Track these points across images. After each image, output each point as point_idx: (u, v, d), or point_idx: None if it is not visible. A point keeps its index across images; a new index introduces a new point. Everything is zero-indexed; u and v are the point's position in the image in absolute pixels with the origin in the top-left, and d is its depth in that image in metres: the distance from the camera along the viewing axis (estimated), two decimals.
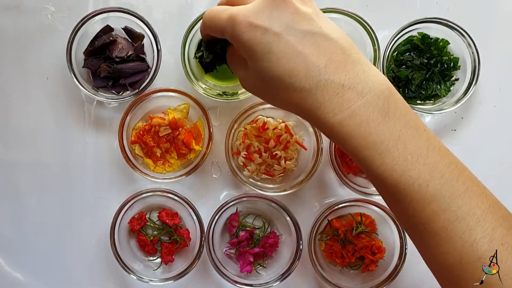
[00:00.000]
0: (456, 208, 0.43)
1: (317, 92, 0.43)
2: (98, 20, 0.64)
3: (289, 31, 0.44)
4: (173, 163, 0.67)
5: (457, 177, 0.43)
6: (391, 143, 0.43)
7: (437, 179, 0.43)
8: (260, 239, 0.68)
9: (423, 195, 0.43)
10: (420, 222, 0.44)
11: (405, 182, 0.43)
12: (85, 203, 0.68)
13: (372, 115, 0.43)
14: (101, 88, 0.66)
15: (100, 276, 0.68)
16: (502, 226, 0.43)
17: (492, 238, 0.42)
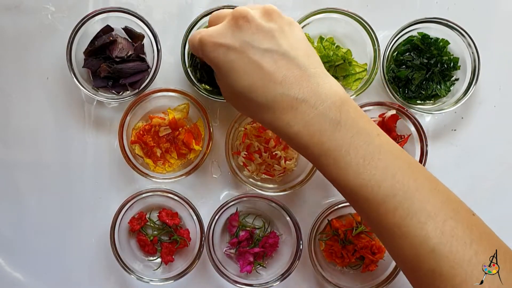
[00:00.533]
0: (408, 205, 0.46)
1: (273, 106, 0.48)
2: (98, 20, 0.64)
3: (249, 49, 0.48)
4: (173, 163, 0.67)
5: (409, 176, 0.47)
6: (344, 149, 0.47)
7: (388, 180, 0.46)
8: (260, 239, 0.68)
9: (376, 195, 0.46)
10: (377, 220, 0.47)
11: (359, 184, 0.47)
12: (85, 203, 0.68)
13: (324, 125, 0.47)
14: (101, 88, 0.66)
15: (100, 276, 0.68)
16: (453, 219, 0.46)
17: (443, 231, 0.45)
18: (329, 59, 0.66)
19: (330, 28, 0.68)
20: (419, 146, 0.67)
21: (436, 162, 0.68)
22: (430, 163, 0.66)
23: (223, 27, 0.50)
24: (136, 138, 0.65)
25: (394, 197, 0.46)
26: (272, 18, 0.49)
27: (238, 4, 0.64)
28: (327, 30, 0.68)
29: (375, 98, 0.68)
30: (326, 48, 0.67)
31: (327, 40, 0.68)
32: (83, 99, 0.67)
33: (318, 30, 0.68)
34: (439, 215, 0.46)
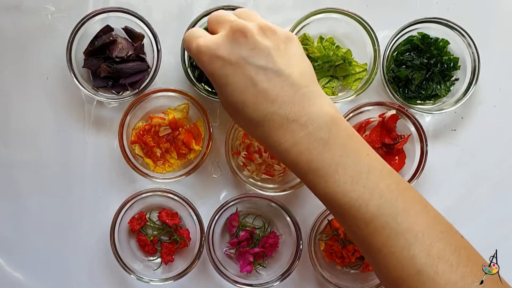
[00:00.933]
0: (395, 225, 0.46)
1: (264, 124, 0.49)
2: (98, 20, 0.64)
3: (245, 65, 0.49)
4: (173, 163, 0.67)
5: (397, 196, 0.47)
6: (332, 168, 0.48)
7: (376, 199, 0.47)
8: (260, 239, 0.68)
9: (364, 214, 0.47)
10: (364, 239, 0.47)
11: (347, 203, 0.47)
12: (85, 203, 0.68)
13: (313, 144, 0.48)
14: (101, 88, 0.66)
15: (100, 276, 0.68)
16: (441, 241, 0.46)
17: (430, 253, 0.45)
18: (329, 59, 0.66)
19: (330, 28, 0.68)
20: (419, 146, 0.67)
21: (436, 162, 0.68)
22: (430, 163, 0.66)
23: (221, 39, 0.50)
24: (136, 138, 0.65)
25: (382, 216, 0.46)
26: (268, 35, 0.50)
27: (238, 4, 0.64)
28: (327, 30, 0.68)
29: (375, 98, 0.68)
30: (326, 48, 0.67)
31: (327, 40, 0.68)
32: (83, 99, 0.67)
33: (318, 30, 0.68)
34: (426, 236, 0.46)
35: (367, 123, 0.68)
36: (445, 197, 0.69)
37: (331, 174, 0.47)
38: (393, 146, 0.67)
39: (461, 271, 0.45)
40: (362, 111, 0.67)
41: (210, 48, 0.50)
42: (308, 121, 0.48)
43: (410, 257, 0.45)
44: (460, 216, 0.70)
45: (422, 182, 0.68)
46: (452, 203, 0.69)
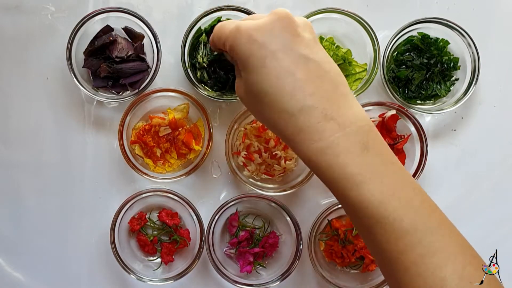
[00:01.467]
0: (428, 243, 0.43)
1: (299, 117, 0.45)
2: (98, 20, 0.64)
3: (285, 50, 0.45)
4: (173, 163, 0.67)
5: (430, 214, 0.45)
6: (368, 176, 0.44)
7: (411, 214, 0.44)
8: (260, 239, 0.68)
9: (397, 228, 0.43)
10: (393, 256, 0.44)
11: (381, 215, 0.43)
12: (85, 203, 0.68)
13: (351, 147, 0.44)
14: (101, 88, 0.66)
15: (100, 276, 0.68)
16: (471, 265, 0.44)
17: (462, 276, 0.43)
18: None
19: (330, 28, 0.68)
20: (419, 146, 0.67)
21: (436, 162, 0.68)
22: (430, 163, 0.66)
23: (265, 22, 0.46)
24: (136, 138, 0.65)
25: (416, 232, 0.43)
26: (308, 28, 0.47)
27: (238, 4, 0.64)
28: (327, 30, 0.68)
29: (375, 98, 0.68)
30: (326, 48, 0.67)
31: (327, 40, 0.68)
32: (83, 99, 0.67)
33: (318, 30, 0.68)
34: (458, 258, 0.44)
35: None
36: (445, 197, 0.69)
37: (367, 182, 0.44)
38: (393, 146, 0.67)
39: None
40: None
41: (250, 28, 0.46)
42: (347, 122, 0.44)
43: (441, 278, 0.43)
44: (460, 216, 0.69)
45: (422, 182, 0.68)
46: (452, 203, 0.69)
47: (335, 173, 0.44)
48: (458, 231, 0.46)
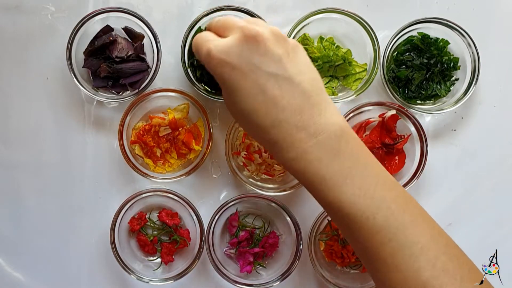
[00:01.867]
0: (402, 237, 0.47)
1: (272, 131, 0.48)
2: (98, 20, 0.64)
3: (256, 71, 0.48)
4: (173, 163, 0.67)
5: (404, 209, 0.48)
6: (341, 179, 0.48)
7: (383, 211, 0.47)
8: (260, 239, 0.68)
9: (371, 226, 0.47)
10: (370, 250, 0.47)
11: (354, 214, 0.47)
12: (85, 203, 0.68)
13: (323, 154, 0.48)
14: (101, 88, 0.66)
15: (100, 276, 0.68)
16: (445, 255, 0.47)
17: (435, 265, 0.46)
18: (329, 59, 0.66)
19: (330, 28, 0.68)
20: (419, 146, 0.67)
21: (436, 162, 0.68)
22: (430, 163, 0.66)
23: (232, 44, 0.48)
24: (136, 138, 0.65)
25: (389, 228, 0.47)
26: (279, 41, 0.49)
27: (238, 4, 0.64)
28: (327, 30, 0.68)
29: (375, 98, 0.68)
30: (326, 48, 0.67)
31: (327, 40, 0.68)
32: (83, 99, 0.67)
33: (318, 30, 0.68)
34: (432, 249, 0.47)
35: (367, 123, 0.68)
36: (445, 197, 0.69)
37: (339, 184, 0.47)
38: (393, 146, 0.67)
39: (465, 286, 0.46)
40: (362, 111, 0.67)
41: (220, 52, 0.48)
42: (318, 130, 0.48)
43: (416, 269, 0.46)
44: (460, 216, 0.70)
45: (422, 182, 0.68)
46: (452, 203, 0.69)
47: (309, 178, 0.48)
48: (433, 221, 0.49)
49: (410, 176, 0.66)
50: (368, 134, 0.68)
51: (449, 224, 0.69)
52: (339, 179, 0.47)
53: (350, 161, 0.48)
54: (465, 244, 0.70)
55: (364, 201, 0.47)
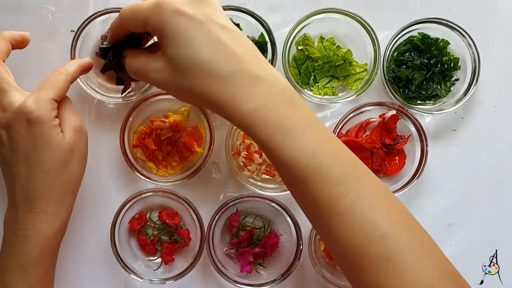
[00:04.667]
0: (358, 189, 0.47)
1: (235, 81, 0.47)
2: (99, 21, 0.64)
3: (210, 22, 0.48)
4: (175, 166, 0.67)
5: (355, 164, 0.48)
6: (300, 130, 0.47)
7: (340, 164, 0.47)
8: (260, 239, 0.68)
9: (330, 178, 0.46)
10: (327, 205, 0.47)
11: (314, 166, 0.46)
12: (85, 203, 0.68)
13: (283, 104, 0.47)
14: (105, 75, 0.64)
15: (100, 276, 0.68)
16: (397, 207, 0.48)
17: (391, 217, 0.46)
18: (330, 59, 0.66)
19: (330, 28, 0.68)
20: (419, 146, 0.67)
21: (436, 162, 0.69)
22: (430, 163, 0.66)
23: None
24: (137, 142, 0.65)
25: (346, 180, 0.46)
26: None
27: (238, 4, 0.64)
28: (328, 30, 0.68)
29: (376, 98, 0.68)
30: (326, 48, 0.67)
31: (328, 40, 0.68)
32: (83, 99, 0.67)
33: (318, 30, 0.68)
34: (387, 201, 0.48)
35: (368, 124, 0.68)
36: (445, 197, 0.69)
37: (300, 135, 0.46)
38: (394, 146, 0.67)
39: (419, 234, 0.47)
40: (363, 111, 0.67)
41: (173, 2, 0.47)
42: (275, 80, 0.48)
43: (374, 221, 0.46)
44: (460, 216, 0.70)
45: (422, 182, 0.68)
46: (452, 203, 0.70)
47: (270, 130, 0.46)
48: (379, 180, 0.50)
49: (410, 176, 0.66)
50: (368, 134, 0.68)
51: (449, 224, 0.69)
52: (299, 130, 0.47)
53: (306, 114, 0.48)
54: (465, 244, 0.70)
55: (323, 153, 0.47)
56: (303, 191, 0.48)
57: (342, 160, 0.47)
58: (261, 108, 0.47)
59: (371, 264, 0.46)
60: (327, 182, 0.46)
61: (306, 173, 0.46)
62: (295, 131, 0.46)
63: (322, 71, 0.67)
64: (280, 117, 0.47)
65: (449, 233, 0.69)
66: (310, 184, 0.47)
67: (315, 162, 0.46)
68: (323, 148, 0.47)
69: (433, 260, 0.47)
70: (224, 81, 0.47)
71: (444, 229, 0.69)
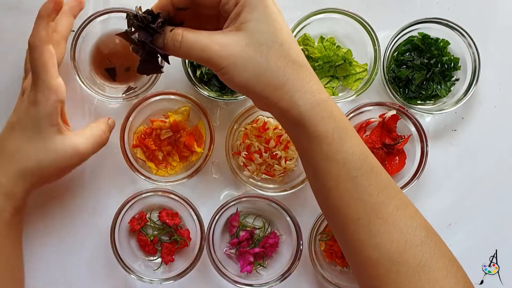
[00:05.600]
0: (401, 196, 0.48)
1: (305, 71, 0.48)
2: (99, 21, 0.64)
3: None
4: (176, 166, 0.67)
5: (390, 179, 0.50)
6: (352, 131, 0.49)
7: (373, 159, 0.49)
8: (260, 239, 0.68)
9: (380, 180, 0.48)
10: (372, 208, 0.47)
11: (367, 167, 0.48)
12: (85, 203, 0.68)
13: (335, 109, 0.49)
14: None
15: (100, 276, 0.68)
16: (399, 199, 0.49)
17: (426, 224, 0.48)
18: (330, 59, 0.66)
19: (330, 28, 0.68)
20: (419, 146, 0.67)
21: (436, 162, 0.69)
22: (430, 163, 0.66)
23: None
24: (137, 142, 0.65)
25: (391, 186, 0.48)
26: None
27: None
28: (328, 30, 0.68)
29: (376, 98, 0.68)
30: (326, 48, 0.67)
31: (328, 40, 0.68)
32: (83, 99, 0.67)
33: (319, 30, 0.68)
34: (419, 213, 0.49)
35: (368, 124, 0.68)
36: (445, 197, 0.69)
37: (355, 136, 0.49)
38: (394, 146, 0.67)
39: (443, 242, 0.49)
40: (363, 111, 0.67)
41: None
42: (319, 89, 0.50)
43: (415, 227, 0.47)
44: (460, 216, 0.70)
45: (422, 182, 0.68)
46: (452, 203, 0.70)
47: (332, 124, 0.47)
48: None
49: (410, 176, 0.66)
50: (368, 134, 0.68)
51: (449, 224, 0.69)
52: (353, 131, 0.48)
53: (343, 121, 0.49)
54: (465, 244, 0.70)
55: (372, 156, 0.48)
56: (351, 192, 0.47)
57: (372, 165, 0.48)
58: (326, 101, 0.47)
59: (406, 270, 0.46)
60: (377, 185, 0.47)
61: (360, 172, 0.47)
62: (351, 132, 0.48)
63: (322, 71, 0.67)
64: (339, 117, 0.48)
65: (449, 233, 0.69)
66: (360, 184, 0.47)
67: (368, 163, 0.47)
68: (370, 152, 0.48)
69: (463, 274, 0.47)
70: (298, 68, 0.47)
71: (444, 229, 0.69)
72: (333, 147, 0.47)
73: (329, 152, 0.47)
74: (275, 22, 0.47)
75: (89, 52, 0.66)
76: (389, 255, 0.46)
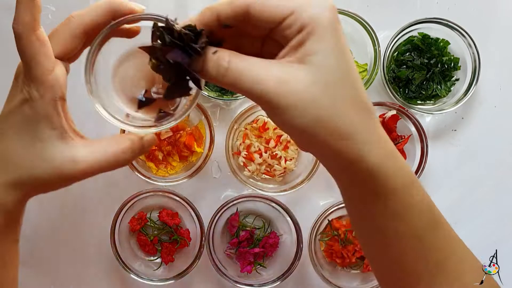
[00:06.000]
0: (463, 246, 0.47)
1: (373, 120, 0.40)
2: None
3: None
4: (176, 166, 0.67)
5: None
6: (415, 181, 0.43)
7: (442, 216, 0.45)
8: (261, 239, 0.68)
9: (443, 233, 0.45)
10: (437, 264, 0.45)
11: (433, 221, 0.44)
12: (85, 203, 0.68)
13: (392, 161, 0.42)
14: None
15: (100, 276, 0.68)
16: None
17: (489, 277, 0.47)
18: None
19: None
20: (420, 146, 0.67)
21: (436, 162, 0.69)
22: (430, 163, 0.66)
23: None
24: None
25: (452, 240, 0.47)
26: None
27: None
28: None
29: (376, 98, 0.68)
30: None
31: None
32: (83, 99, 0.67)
33: None
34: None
35: None
36: (445, 197, 0.69)
37: (415, 184, 0.44)
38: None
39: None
40: None
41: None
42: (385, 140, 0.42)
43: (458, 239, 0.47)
44: (460, 216, 0.70)
45: (422, 182, 0.68)
46: (452, 203, 0.70)
47: (399, 180, 0.41)
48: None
49: None
50: None
51: None
52: (414, 180, 0.43)
53: (409, 174, 0.43)
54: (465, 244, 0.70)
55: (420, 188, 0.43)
56: (415, 250, 0.44)
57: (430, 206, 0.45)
58: (394, 152, 0.40)
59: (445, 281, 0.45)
60: (442, 239, 0.45)
61: (428, 229, 0.44)
62: (417, 183, 0.43)
63: None
64: (409, 172, 0.42)
65: None
66: (426, 241, 0.44)
67: (433, 216, 0.44)
68: (432, 202, 0.45)
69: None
70: (367, 115, 0.39)
71: None
72: (400, 205, 0.42)
73: (396, 210, 0.42)
74: (347, 57, 0.38)
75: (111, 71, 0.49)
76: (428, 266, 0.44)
